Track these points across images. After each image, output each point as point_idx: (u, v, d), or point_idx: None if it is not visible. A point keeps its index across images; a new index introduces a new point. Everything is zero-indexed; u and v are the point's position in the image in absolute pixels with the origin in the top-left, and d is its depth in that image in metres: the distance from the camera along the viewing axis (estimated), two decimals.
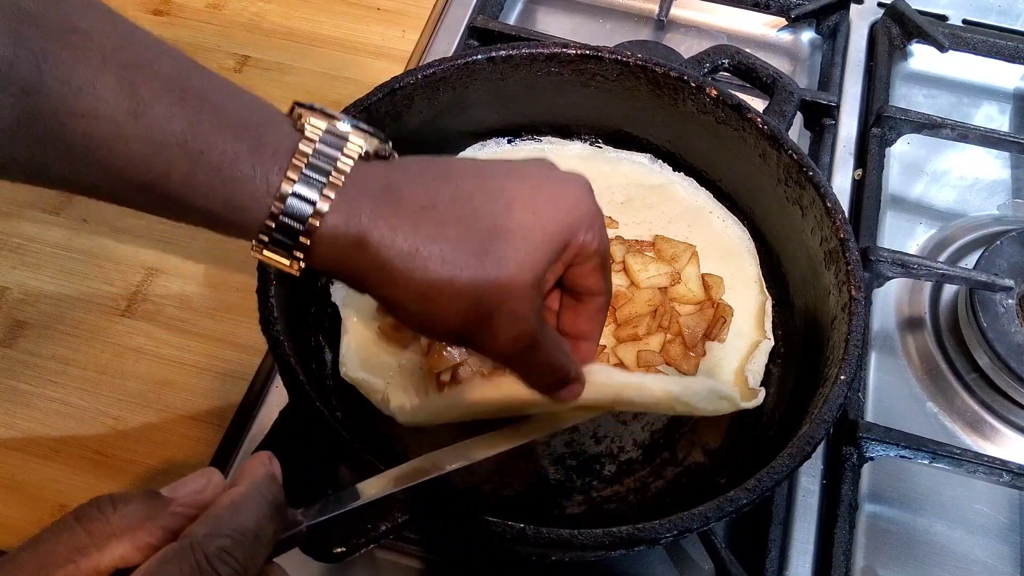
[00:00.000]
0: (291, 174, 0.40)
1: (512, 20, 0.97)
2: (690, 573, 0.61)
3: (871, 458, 0.65)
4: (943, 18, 0.97)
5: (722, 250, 0.70)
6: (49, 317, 0.68)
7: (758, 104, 0.68)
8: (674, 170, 0.74)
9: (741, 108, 0.66)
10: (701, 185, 0.73)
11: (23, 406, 0.64)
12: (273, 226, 0.41)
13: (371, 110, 0.64)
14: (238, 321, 0.69)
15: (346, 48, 0.87)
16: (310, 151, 0.41)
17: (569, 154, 0.75)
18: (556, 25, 0.97)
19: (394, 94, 0.65)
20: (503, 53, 0.68)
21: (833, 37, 0.93)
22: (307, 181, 0.41)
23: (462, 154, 0.74)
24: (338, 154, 0.42)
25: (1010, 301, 0.71)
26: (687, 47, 0.94)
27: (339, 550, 0.46)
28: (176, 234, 0.74)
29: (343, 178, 0.41)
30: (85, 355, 0.67)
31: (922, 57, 0.94)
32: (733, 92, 0.67)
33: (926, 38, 0.90)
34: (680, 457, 0.61)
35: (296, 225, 0.41)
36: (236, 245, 0.75)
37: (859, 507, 0.64)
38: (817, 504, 0.63)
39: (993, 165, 0.87)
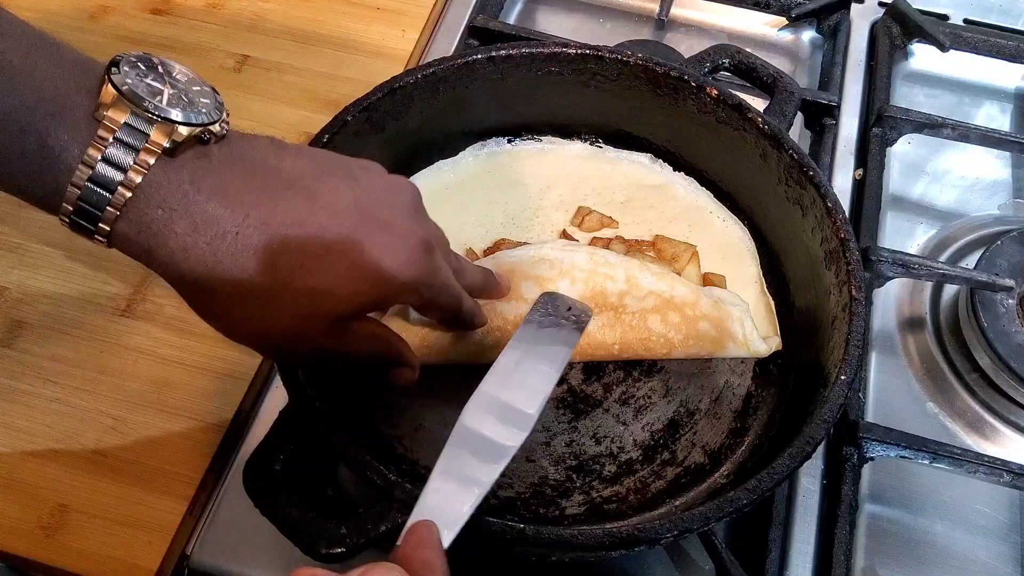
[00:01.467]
0: (72, 188, 0.39)
1: (512, 20, 0.97)
2: (690, 573, 0.61)
3: (871, 458, 0.65)
4: (944, 17, 0.97)
5: (722, 250, 0.70)
6: (48, 317, 0.68)
7: (759, 104, 0.68)
8: (674, 170, 0.74)
9: (741, 108, 0.66)
10: (701, 185, 0.73)
11: (22, 406, 0.64)
12: (68, 222, 0.42)
13: (371, 109, 0.64)
14: None
15: (346, 48, 0.87)
16: (99, 156, 0.39)
17: (569, 154, 0.75)
18: (556, 25, 0.97)
19: (394, 94, 0.65)
20: (503, 53, 0.68)
21: (834, 37, 0.93)
22: (92, 191, 0.40)
23: (462, 154, 0.74)
24: (130, 161, 0.39)
25: (1011, 301, 0.70)
26: (687, 47, 0.94)
27: (339, 551, 0.46)
28: None
29: (129, 193, 0.40)
30: (84, 355, 0.67)
31: (923, 57, 0.94)
32: (733, 92, 0.67)
33: (927, 38, 0.90)
34: (680, 457, 0.61)
35: (89, 227, 0.41)
36: None
37: (859, 507, 0.64)
38: (817, 504, 0.63)
39: (994, 165, 0.86)
